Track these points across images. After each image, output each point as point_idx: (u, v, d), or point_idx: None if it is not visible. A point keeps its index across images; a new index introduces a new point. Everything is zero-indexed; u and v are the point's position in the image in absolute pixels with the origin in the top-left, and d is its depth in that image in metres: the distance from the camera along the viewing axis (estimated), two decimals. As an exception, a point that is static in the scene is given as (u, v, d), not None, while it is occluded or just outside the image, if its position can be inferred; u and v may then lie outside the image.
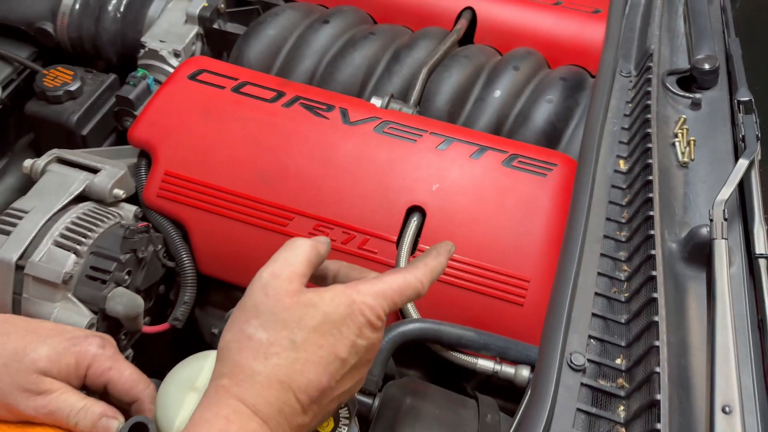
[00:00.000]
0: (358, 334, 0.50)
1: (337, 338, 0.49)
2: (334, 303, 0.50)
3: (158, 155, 0.77)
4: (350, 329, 0.50)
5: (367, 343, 0.51)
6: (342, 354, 0.49)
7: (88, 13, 0.95)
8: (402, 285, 0.53)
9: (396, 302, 0.52)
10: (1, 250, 0.68)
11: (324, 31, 0.94)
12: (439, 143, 0.79)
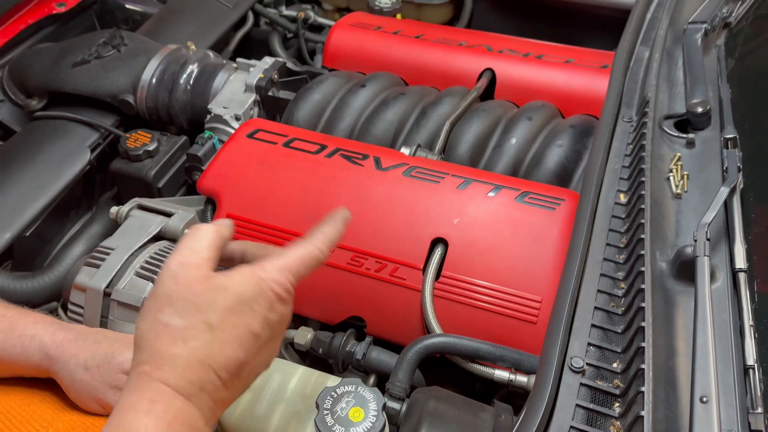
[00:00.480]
0: (269, 309, 0.52)
1: (250, 316, 0.52)
2: (243, 283, 0.52)
3: (222, 200, 0.92)
4: (261, 306, 0.52)
5: (278, 316, 0.53)
6: (256, 330, 0.52)
7: (163, 86, 1.13)
8: (303, 255, 0.55)
9: (300, 272, 0.55)
10: (92, 281, 0.82)
11: (361, 94, 1.09)
12: (460, 183, 0.90)
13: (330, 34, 1.26)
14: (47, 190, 1.04)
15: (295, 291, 0.55)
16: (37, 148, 1.09)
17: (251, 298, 0.52)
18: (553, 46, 1.20)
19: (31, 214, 1.01)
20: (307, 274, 0.55)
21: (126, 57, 1.15)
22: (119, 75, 1.13)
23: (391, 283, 0.85)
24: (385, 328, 0.87)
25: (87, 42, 1.19)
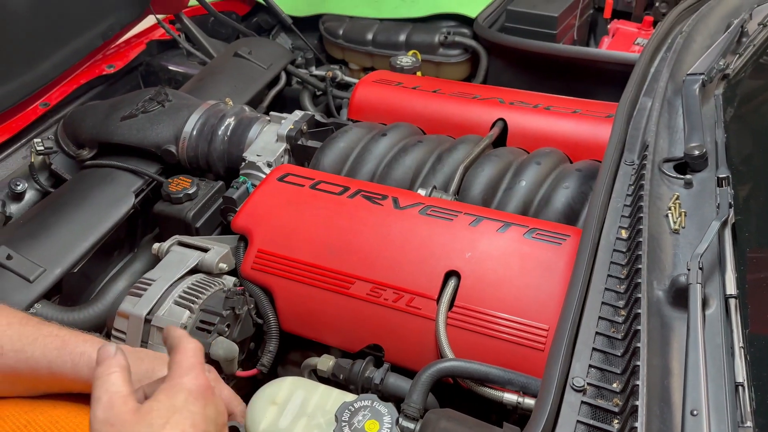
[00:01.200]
0: (203, 405, 0.59)
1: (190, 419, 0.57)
2: (170, 396, 0.58)
3: (253, 237, 1.00)
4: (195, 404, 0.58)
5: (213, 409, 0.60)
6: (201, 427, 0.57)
7: (203, 137, 1.24)
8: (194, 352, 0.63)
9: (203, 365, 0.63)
10: (134, 308, 0.90)
11: (382, 142, 1.18)
12: (472, 221, 0.97)
13: (355, 89, 1.36)
14: (95, 231, 1.13)
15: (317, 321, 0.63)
16: (86, 193, 1.19)
17: (182, 404, 0.58)
18: (562, 98, 1.29)
19: (79, 252, 1.10)
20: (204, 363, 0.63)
21: (170, 111, 1.27)
22: (163, 127, 1.24)
23: (407, 313, 0.91)
24: (401, 355, 0.92)
25: (135, 98, 1.31)
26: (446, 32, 1.61)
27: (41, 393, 0.78)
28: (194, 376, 0.60)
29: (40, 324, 0.80)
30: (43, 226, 1.12)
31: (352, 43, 1.71)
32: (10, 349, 0.76)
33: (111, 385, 0.59)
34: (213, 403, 0.60)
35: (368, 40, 1.69)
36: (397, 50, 1.65)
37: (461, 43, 1.60)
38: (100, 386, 0.59)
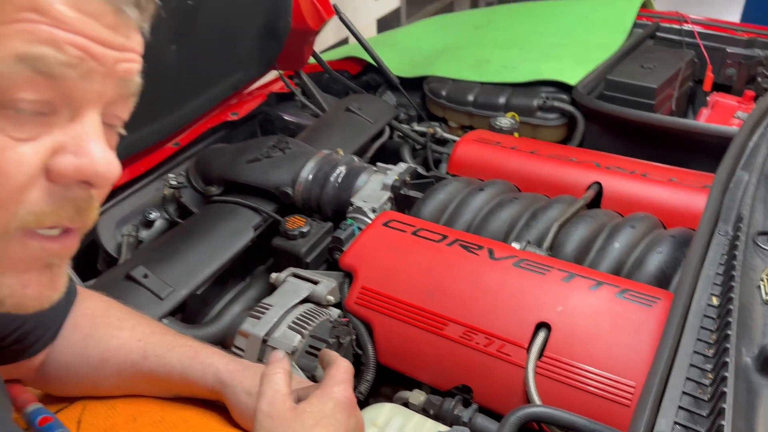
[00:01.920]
0: (347, 416, 0.69)
1: (335, 426, 0.67)
2: (321, 402, 0.69)
3: (358, 275, 1.10)
4: (341, 414, 0.68)
5: (354, 420, 0.69)
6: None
7: (317, 182, 1.37)
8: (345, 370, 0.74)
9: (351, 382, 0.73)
10: (254, 329, 1.01)
11: (480, 196, 1.27)
12: (564, 277, 1.03)
13: (456, 146, 1.47)
14: (217, 259, 1.27)
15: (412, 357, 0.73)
16: (212, 225, 1.34)
17: (331, 411, 0.68)
18: (657, 165, 1.33)
19: (203, 277, 1.24)
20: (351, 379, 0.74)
21: (289, 157, 1.41)
22: (282, 171, 1.38)
23: (497, 358, 0.98)
24: (489, 398, 0.98)
25: (259, 144, 1.47)
26: (545, 97, 1.70)
27: (174, 395, 0.90)
28: (343, 389, 0.70)
29: (176, 335, 0.92)
30: (174, 251, 1.27)
31: (453, 103, 1.82)
32: (153, 354, 0.88)
33: (275, 383, 0.70)
34: (354, 415, 0.70)
35: (469, 101, 1.79)
36: (496, 111, 1.74)
37: (559, 108, 1.68)
38: (267, 383, 0.70)
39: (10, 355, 0.83)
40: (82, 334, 0.89)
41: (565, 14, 2.10)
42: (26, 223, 0.50)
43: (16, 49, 0.45)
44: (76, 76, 0.48)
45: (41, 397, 0.90)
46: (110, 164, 0.52)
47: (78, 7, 0.48)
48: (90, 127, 0.51)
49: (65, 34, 0.47)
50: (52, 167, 0.50)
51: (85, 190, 0.52)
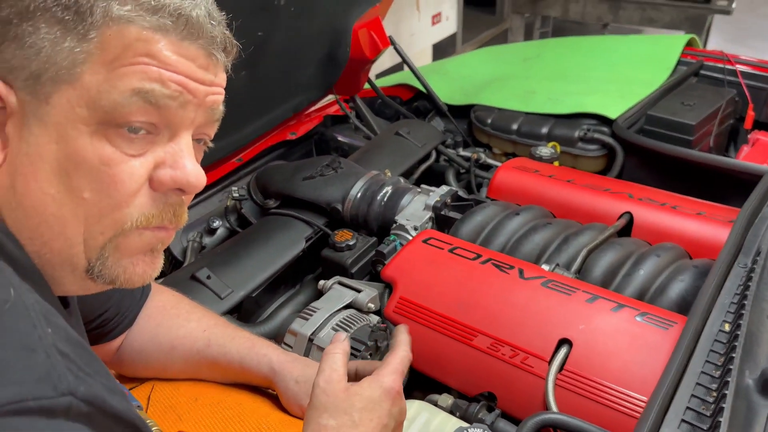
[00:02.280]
0: (392, 404, 0.77)
1: (379, 411, 0.76)
2: (371, 388, 0.77)
3: (398, 286, 1.21)
4: (386, 402, 0.77)
5: (398, 409, 0.78)
6: (385, 421, 0.76)
7: (365, 200, 1.49)
8: (400, 360, 0.82)
9: (403, 372, 0.82)
10: (302, 329, 1.13)
11: (515, 220, 1.36)
12: (588, 298, 1.11)
13: (496, 172, 1.56)
14: (271, 266, 1.40)
15: (442, 364, 0.83)
16: (268, 235, 1.48)
17: (377, 398, 0.76)
18: (689, 199, 1.39)
19: (258, 281, 1.37)
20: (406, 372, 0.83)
21: (341, 177, 1.54)
22: (334, 189, 1.51)
23: (521, 369, 1.06)
24: (511, 405, 1.07)
25: (315, 163, 1.61)
26: (586, 128, 1.78)
27: (231, 381, 1.02)
28: (393, 380, 0.79)
29: (236, 328, 1.05)
30: (234, 256, 1.40)
31: (498, 131, 1.92)
32: (215, 344, 1.01)
33: (333, 363, 0.79)
34: (398, 405, 0.80)
35: (513, 129, 1.89)
36: (539, 141, 1.83)
37: (600, 140, 1.75)
38: (326, 361, 0.79)
39: (92, 338, 0.97)
40: (155, 323, 1.03)
41: (612, 50, 2.18)
42: (139, 224, 0.63)
43: (133, 85, 0.59)
44: (175, 106, 0.62)
45: (116, 377, 1.04)
46: (199, 175, 0.65)
47: (179, 52, 0.61)
48: (184, 145, 0.64)
49: (169, 74, 0.61)
50: (154, 177, 0.63)
51: (178, 196, 0.66)
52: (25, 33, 0.57)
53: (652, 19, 3.60)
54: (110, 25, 0.58)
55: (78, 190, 0.60)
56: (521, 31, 4.42)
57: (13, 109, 0.59)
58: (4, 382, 0.49)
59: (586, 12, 3.81)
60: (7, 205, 0.61)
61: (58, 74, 0.58)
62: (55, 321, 0.56)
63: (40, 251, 0.63)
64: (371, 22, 1.86)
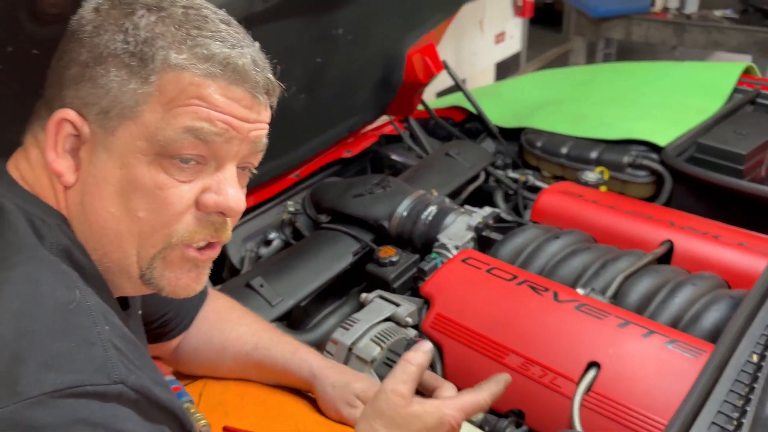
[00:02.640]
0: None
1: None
2: (431, 414, 0.80)
3: (435, 302, 1.27)
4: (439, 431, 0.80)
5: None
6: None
7: (410, 218, 1.56)
8: (474, 403, 0.84)
9: (469, 414, 0.83)
10: (343, 338, 1.21)
11: (555, 243, 1.40)
12: (620, 323, 1.14)
13: (539, 196, 1.60)
14: (320, 277, 1.49)
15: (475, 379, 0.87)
16: (319, 248, 1.57)
17: (433, 426, 0.80)
18: (731, 228, 1.39)
19: (307, 291, 1.46)
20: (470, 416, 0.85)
21: (389, 195, 1.62)
22: (382, 207, 1.59)
23: (549, 389, 1.10)
24: (539, 423, 1.10)
25: (366, 181, 1.69)
26: (635, 155, 1.79)
27: (275, 383, 1.11)
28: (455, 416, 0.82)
29: (282, 334, 1.14)
30: (286, 267, 1.50)
31: (547, 154, 1.95)
32: (262, 347, 1.10)
33: (406, 374, 0.83)
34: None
35: (562, 153, 1.92)
36: (588, 165, 1.85)
37: (649, 167, 1.76)
38: (400, 368, 0.83)
39: (153, 337, 1.08)
40: (209, 326, 1.13)
41: (667, 76, 2.17)
42: (184, 238, 0.74)
43: (185, 124, 0.69)
44: (221, 141, 0.72)
45: (173, 374, 1.15)
46: (239, 201, 0.75)
47: (226, 95, 0.71)
48: (228, 175, 0.75)
49: (217, 114, 0.71)
50: (200, 201, 0.73)
51: (221, 217, 0.76)
52: (98, 75, 0.69)
53: (717, 43, 3.52)
54: (168, 71, 0.68)
55: (134, 210, 0.71)
56: (583, 52, 4.40)
57: (86, 138, 0.70)
58: (67, 369, 0.59)
59: (650, 35, 3.76)
60: (77, 219, 0.73)
61: (123, 111, 0.69)
62: (112, 320, 0.67)
63: (101, 259, 0.74)
64: (426, 47, 1.94)
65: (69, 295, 0.64)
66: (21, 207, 0.70)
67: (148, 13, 0.69)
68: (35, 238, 0.68)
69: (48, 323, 0.61)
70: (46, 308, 0.62)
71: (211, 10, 0.73)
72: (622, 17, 3.92)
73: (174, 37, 0.69)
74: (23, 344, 0.58)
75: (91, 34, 0.70)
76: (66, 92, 0.71)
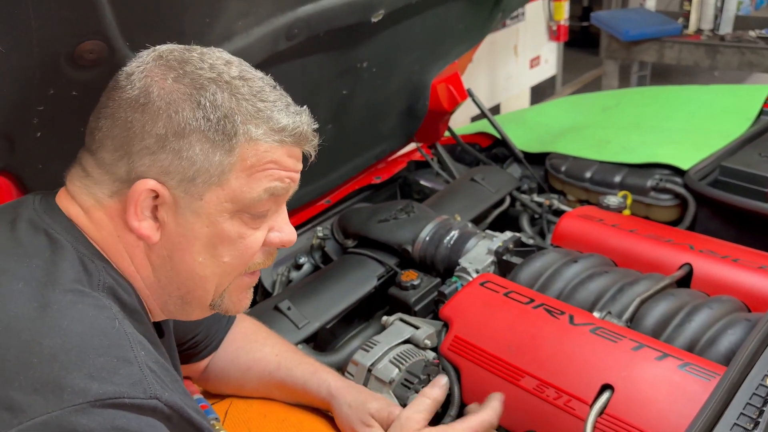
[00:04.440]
0: None
1: None
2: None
3: (453, 325, 1.31)
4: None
5: None
6: None
7: (433, 243, 1.60)
8: (481, 423, 0.99)
9: None
10: (363, 359, 1.25)
11: (573, 267, 1.42)
12: (634, 346, 1.15)
13: (560, 220, 1.63)
14: (345, 301, 1.54)
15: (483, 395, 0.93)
16: (345, 272, 1.62)
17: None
18: (752, 252, 1.38)
19: (332, 314, 1.51)
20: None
21: (413, 220, 1.67)
22: (406, 232, 1.64)
23: (563, 411, 1.12)
24: (553, 444, 1.12)
25: (390, 207, 1.75)
26: (659, 178, 1.80)
27: (296, 402, 1.16)
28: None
29: (303, 355, 1.20)
30: (313, 290, 1.56)
31: (571, 178, 1.97)
32: (284, 367, 1.16)
33: (423, 405, 1.03)
34: None
35: (586, 177, 1.94)
36: (611, 189, 1.87)
37: (672, 190, 1.77)
38: (419, 398, 1.04)
39: (184, 357, 1.15)
40: (236, 347, 1.20)
41: (692, 100, 2.17)
42: (252, 268, 0.88)
43: (264, 186, 0.82)
44: (284, 192, 0.85)
45: (202, 392, 1.21)
46: (294, 234, 0.89)
47: (291, 155, 0.84)
48: (284, 215, 0.89)
49: (286, 173, 0.83)
50: (266, 240, 0.87)
51: (277, 248, 0.89)
52: (182, 148, 0.78)
53: (752, 63, 3.48)
54: (249, 143, 0.80)
55: (220, 256, 0.84)
56: (615, 75, 4.39)
57: (167, 201, 0.79)
58: (108, 381, 0.66)
59: (682, 57, 3.74)
60: (162, 268, 0.84)
61: (210, 179, 0.79)
62: (147, 347, 0.76)
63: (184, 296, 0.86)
64: (450, 77, 2.00)
65: (110, 322, 0.73)
66: (73, 245, 0.79)
67: (218, 89, 0.78)
68: (84, 274, 0.76)
69: (92, 341, 0.69)
70: (91, 329, 0.70)
71: (258, 77, 0.84)
72: (653, 40, 3.91)
73: (248, 112, 0.79)
74: (71, 357, 0.66)
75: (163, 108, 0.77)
76: (142, 161, 0.78)
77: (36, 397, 0.63)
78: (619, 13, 4.79)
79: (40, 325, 0.68)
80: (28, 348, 0.66)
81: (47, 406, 0.62)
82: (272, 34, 1.24)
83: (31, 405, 0.62)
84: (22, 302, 0.69)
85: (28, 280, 0.72)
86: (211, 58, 0.81)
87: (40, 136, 0.96)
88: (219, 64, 0.81)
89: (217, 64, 0.81)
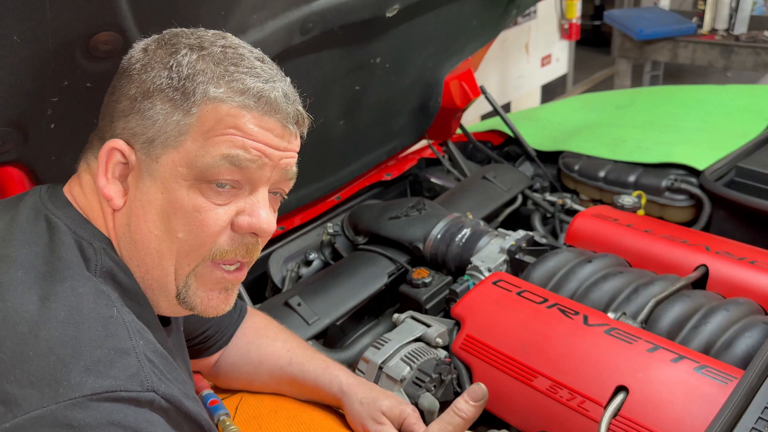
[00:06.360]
0: None
1: None
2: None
3: (465, 324, 1.29)
4: None
5: None
6: None
7: (444, 241, 1.59)
8: None
9: None
10: (373, 357, 1.24)
11: (587, 267, 1.40)
12: (649, 348, 1.13)
13: (574, 220, 1.61)
14: (355, 298, 1.53)
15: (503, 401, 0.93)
16: (355, 269, 1.61)
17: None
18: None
19: (342, 311, 1.50)
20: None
21: (424, 217, 1.66)
22: (417, 229, 1.63)
23: (577, 412, 1.11)
24: (566, 445, 1.11)
25: (401, 204, 1.74)
26: (674, 179, 1.78)
27: (307, 398, 1.15)
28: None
29: (315, 351, 1.19)
30: (323, 287, 1.55)
31: (585, 177, 1.96)
32: (296, 362, 1.15)
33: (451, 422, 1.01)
34: None
35: (600, 177, 1.92)
36: (626, 189, 1.85)
37: (687, 191, 1.75)
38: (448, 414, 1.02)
39: (195, 352, 1.15)
40: (247, 341, 1.19)
41: (707, 100, 2.15)
42: (216, 256, 0.80)
43: (222, 152, 0.76)
44: (255, 167, 0.79)
45: (212, 387, 1.21)
46: (270, 223, 0.82)
47: (260, 125, 0.78)
48: (261, 198, 0.81)
49: (251, 142, 0.78)
50: (235, 222, 0.80)
51: (252, 238, 0.82)
52: (145, 108, 0.76)
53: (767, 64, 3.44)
54: (207, 104, 0.76)
55: (174, 230, 0.78)
56: (628, 74, 4.36)
57: (133, 165, 0.78)
58: (104, 375, 0.65)
59: (696, 57, 3.70)
60: (123, 239, 0.80)
61: (167, 140, 0.76)
62: (147, 336, 0.74)
63: (144, 277, 0.81)
64: (463, 73, 1.98)
65: (108, 311, 0.71)
66: (72, 229, 0.77)
67: (190, 51, 0.76)
68: (81, 260, 0.75)
69: (89, 333, 0.67)
70: (88, 319, 0.69)
71: (247, 49, 0.80)
72: (667, 39, 3.87)
73: (213, 73, 0.76)
74: (67, 350, 0.65)
75: (139, 71, 0.78)
76: (116, 124, 0.78)
77: (31, 390, 0.62)
78: (633, 12, 4.76)
79: (38, 317, 0.67)
80: (25, 340, 0.65)
81: (43, 400, 0.61)
82: (287, 28, 1.23)
83: (26, 399, 0.61)
84: (20, 292, 0.68)
85: (27, 268, 0.71)
86: (207, 33, 0.80)
87: (54, 127, 0.95)
88: (208, 36, 0.79)
89: (206, 35, 0.79)
